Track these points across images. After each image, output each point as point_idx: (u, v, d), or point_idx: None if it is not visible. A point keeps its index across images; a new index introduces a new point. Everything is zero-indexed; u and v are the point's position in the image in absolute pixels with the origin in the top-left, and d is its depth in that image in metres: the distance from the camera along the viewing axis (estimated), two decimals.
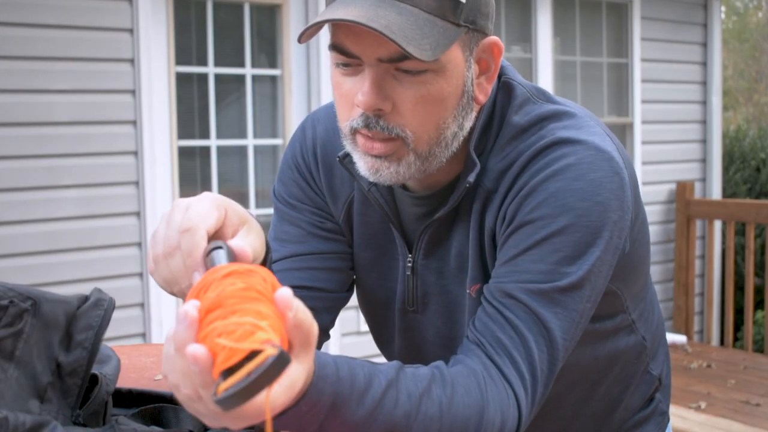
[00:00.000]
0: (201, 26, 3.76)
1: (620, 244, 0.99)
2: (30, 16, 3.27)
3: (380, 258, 1.17)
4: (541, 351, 0.92)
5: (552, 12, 4.82)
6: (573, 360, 1.02)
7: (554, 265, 0.93)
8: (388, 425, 0.84)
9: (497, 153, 1.03)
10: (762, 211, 4.95)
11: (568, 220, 0.93)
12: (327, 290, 1.17)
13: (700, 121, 5.56)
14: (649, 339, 1.21)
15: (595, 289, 0.97)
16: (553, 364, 0.93)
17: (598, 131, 1.01)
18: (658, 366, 1.25)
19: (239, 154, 3.91)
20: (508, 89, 1.05)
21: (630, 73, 5.20)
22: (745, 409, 3.90)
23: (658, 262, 5.37)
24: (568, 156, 0.96)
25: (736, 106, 15.48)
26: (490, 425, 0.88)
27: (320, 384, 0.79)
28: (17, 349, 0.75)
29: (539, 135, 1.00)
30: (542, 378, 0.92)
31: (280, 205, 1.20)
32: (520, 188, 0.98)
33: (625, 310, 1.13)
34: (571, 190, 0.94)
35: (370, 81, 0.93)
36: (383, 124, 0.95)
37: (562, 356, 0.94)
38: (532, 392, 0.92)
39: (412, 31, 0.88)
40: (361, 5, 0.90)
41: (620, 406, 1.21)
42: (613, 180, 0.96)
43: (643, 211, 1.11)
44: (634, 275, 1.11)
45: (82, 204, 3.41)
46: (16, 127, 3.28)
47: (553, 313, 0.92)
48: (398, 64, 0.92)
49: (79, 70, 3.38)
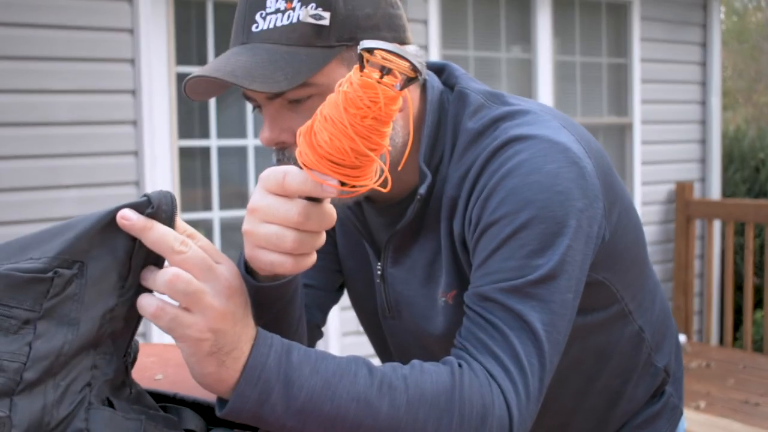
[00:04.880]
0: (201, 26, 3.77)
1: (593, 232, 0.98)
2: (30, 16, 3.28)
3: (361, 267, 1.22)
4: (525, 345, 0.91)
5: (552, 12, 4.83)
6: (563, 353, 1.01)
7: (524, 260, 0.93)
8: (350, 394, 0.82)
9: (456, 160, 1.05)
10: (761, 211, 4.96)
11: (531, 214, 0.94)
12: (316, 287, 1.22)
13: (700, 122, 5.56)
14: (649, 330, 1.19)
15: (572, 278, 0.95)
16: (542, 357, 0.92)
17: (553, 125, 1.02)
18: (664, 358, 1.23)
19: (239, 154, 3.92)
20: (461, 98, 1.08)
21: (629, 73, 5.21)
22: (744, 409, 3.91)
23: (657, 262, 5.37)
24: (522, 152, 0.97)
25: (736, 106, 15.48)
26: (467, 407, 0.86)
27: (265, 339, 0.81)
28: (72, 311, 0.76)
29: (493, 136, 1.02)
30: (533, 371, 0.91)
31: None
32: (481, 190, 0.99)
33: (620, 300, 1.13)
34: (528, 184, 0.95)
35: (266, 120, 1.00)
36: (288, 154, 1.00)
37: (551, 348, 0.93)
38: (524, 385, 0.90)
39: (261, 68, 0.93)
40: (225, 58, 0.97)
41: (622, 399, 1.21)
42: (571, 169, 0.96)
43: (625, 199, 1.10)
44: (621, 264, 1.10)
45: (83, 204, 3.41)
46: (16, 127, 3.28)
47: (530, 307, 0.92)
48: (285, 96, 0.98)
49: (79, 70, 3.39)
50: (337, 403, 0.81)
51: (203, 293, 0.77)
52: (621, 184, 1.10)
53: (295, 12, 0.95)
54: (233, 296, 0.79)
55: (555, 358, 0.94)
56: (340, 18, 0.96)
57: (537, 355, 0.91)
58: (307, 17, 0.95)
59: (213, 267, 0.79)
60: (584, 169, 0.97)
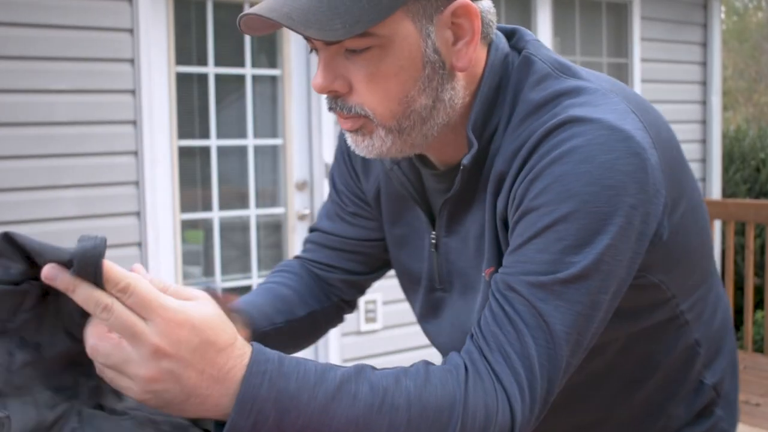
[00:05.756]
0: (201, 26, 3.77)
1: (647, 229, 0.91)
2: (30, 16, 3.28)
3: (409, 235, 1.16)
4: (539, 345, 0.87)
5: (552, 12, 4.83)
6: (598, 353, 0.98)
7: (558, 255, 0.88)
8: (349, 418, 0.80)
9: (512, 132, 0.97)
10: (762, 211, 4.95)
11: (572, 207, 0.87)
12: (352, 272, 1.25)
13: (700, 121, 5.56)
14: (705, 344, 1.11)
15: (610, 278, 0.89)
16: (555, 358, 0.87)
17: (620, 108, 0.93)
18: (714, 375, 1.14)
19: (239, 154, 3.91)
20: (527, 64, 1.00)
21: (630, 73, 5.21)
22: (744, 409, 3.91)
23: None
24: (578, 136, 0.89)
25: (736, 106, 15.48)
26: (470, 419, 0.84)
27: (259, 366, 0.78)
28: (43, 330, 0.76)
29: (553, 113, 0.94)
30: (543, 372, 0.87)
31: (329, 180, 1.29)
32: (528, 171, 0.92)
33: (674, 308, 1.05)
34: (576, 174, 0.88)
35: (320, 65, 0.94)
36: (341, 103, 0.95)
37: (570, 351, 0.89)
38: (530, 388, 0.87)
39: (320, 13, 0.85)
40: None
41: (662, 415, 1.13)
42: (630, 161, 0.88)
43: (694, 197, 1.03)
44: (681, 268, 1.02)
45: (83, 204, 3.41)
46: (16, 127, 3.28)
47: (554, 306, 0.87)
48: (343, 44, 0.90)
49: (79, 70, 3.39)
50: (335, 428, 0.79)
51: (126, 363, 0.73)
52: (691, 180, 1.03)
53: None
54: (166, 355, 0.73)
55: (574, 359, 0.90)
56: None
57: (549, 356, 0.87)
58: None
59: (137, 332, 0.73)
60: (646, 162, 0.89)
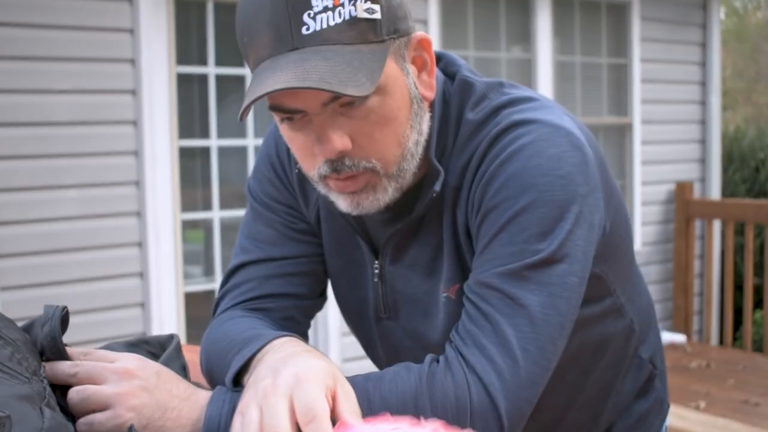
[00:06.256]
0: (201, 26, 3.77)
1: (595, 220, 0.96)
2: (30, 16, 3.28)
3: (348, 265, 1.17)
4: (520, 331, 0.89)
5: (552, 12, 4.83)
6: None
7: (524, 244, 0.91)
8: None
9: (458, 152, 1.02)
10: (761, 211, 4.96)
11: (531, 198, 0.92)
12: (303, 296, 1.16)
13: (699, 122, 5.57)
14: (638, 322, 1.19)
15: (576, 263, 0.93)
16: (540, 341, 0.89)
17: (556, 110, 0.99)
18: (648, 350, 1.23)
19: (239, 154, 3.92)
20: (465, 87, 1.05)
21: (629, 73, 5.21)
22: (744, 409, 3.91)
23: (657, 262, 5.38)
24: (523, 136, 0.95)
25: (735, 106, 15.48)
26: (439, 408, 0.87)
27: None
28: None
29: (494, 122, 0.99)
30: (527, 356, 0.89)
31: (255, 203, 1.20)
32: (482, 176, 0.97)
33: (613, 293, 1.11)
34: (529, 168, 0.92)
35: (322, 129, 0.92)
36: (349, 162, 0.94)
37: (553, 331, 0.91)
38: (513, 374, 0.88)
39: (344, 71, 0.86)
40: (286, 67, 0.87)
41: (612, 392, 1.20)
42: (574, 154, 0.94)
43: (617, 191, 1.09)
44: (616, 256, 1.09)
45: (83, 204, 3.42)
46: (17, 127, 3.28)
47: (528, 290, 0.90)
48: (341, 100, 0.91)
49: (80, 70, 3.39)
50: None
51: (102, 391, 0.85)
52: (613, 178, 1.09)
53: (345, 8, 0.88)
54: (135, 375, 0.86)
55: (560, 341, 0.92)
56: (386, 10, 0.92)
57: (534, 339, 0.89)
58: (362, 12, 0.89)
59: (105, 366, 0.87)
60: (586, 156, 0.95)
